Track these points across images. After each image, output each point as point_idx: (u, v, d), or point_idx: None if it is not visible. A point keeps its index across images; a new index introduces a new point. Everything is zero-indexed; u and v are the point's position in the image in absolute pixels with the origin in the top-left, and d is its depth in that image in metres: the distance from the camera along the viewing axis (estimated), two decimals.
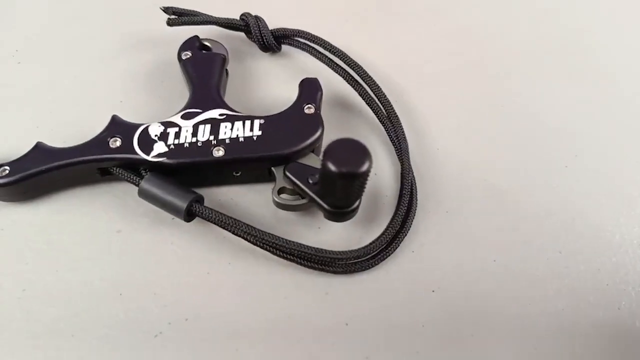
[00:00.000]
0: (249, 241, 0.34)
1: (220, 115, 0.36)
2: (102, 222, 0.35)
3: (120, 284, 0.33)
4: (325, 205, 0.33)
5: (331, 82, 0.43)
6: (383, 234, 0.35)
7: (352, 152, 0.30)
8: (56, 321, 0.32)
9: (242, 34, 0.45)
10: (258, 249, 0.34)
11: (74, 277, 0.33)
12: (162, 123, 0.36)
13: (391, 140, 0.40)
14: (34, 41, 0.45)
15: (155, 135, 0.35)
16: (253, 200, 0.37)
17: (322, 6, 0.51)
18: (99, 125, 0.38)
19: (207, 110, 0.36)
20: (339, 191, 0.32)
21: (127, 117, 0.38)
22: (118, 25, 0.47)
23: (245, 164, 0.36)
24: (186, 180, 0.36)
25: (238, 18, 0.43)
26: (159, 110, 0.41)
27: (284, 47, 0.45)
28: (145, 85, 0.43)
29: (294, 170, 0.35)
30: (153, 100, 0.42)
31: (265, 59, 0.45)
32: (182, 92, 0.41)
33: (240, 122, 0.36)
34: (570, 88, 0.46)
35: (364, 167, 0.29)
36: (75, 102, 0.41)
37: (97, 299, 0.32)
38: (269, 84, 0.44)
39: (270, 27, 0.44)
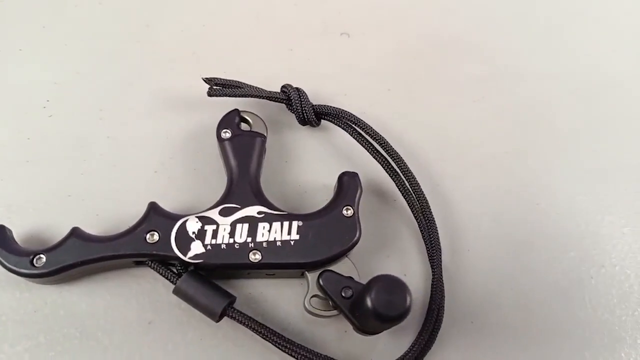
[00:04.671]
0: (278, 348, 0.34)
1: (258, 213, 0.36)
2: (134, 311, 0.36)
3: None
4: (356, 323, 0.34)
5: (367, 164, 0.42)
6: (408, 352, 0.35)
7: (393, 294, 0.30)
8: None
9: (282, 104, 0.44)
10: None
11: None
12: (200, 218, 0.35)
13: (424, 241, 0.39)
14: (66, 90, 0.44)
15: (193, 233, 0.35)
16: (282, 296, 0.37)
17: (367, 73, 0.49)
18: (133, 195, 0.38)
19: (245, 207, 0.36)
20: (372, 323, 0.32)
21: (161, 189, 0.38)
22: (154, 81, 0.45)
23: (280, 269, 0.36)
24: (218, 275, 0.36)
25: (279, 90, 0.42)
26: (194, 185, 0.40)
27: (323, 122, 0.44)
28: (180, 153, 0.42)
29: (328, 281, 0.35)
30: (187, 173, 0.41)
31: (303, 131, 0.44)
32: (216, 164, 0.41)
33: (278, 224, 0.36)
34: (610, 192, 0.45)
35: (402, 312, 0.30)
36: (108, 165, 0.40)
37: None
38: (305, 160, 0.43)
39: (312, 92, 0.43)
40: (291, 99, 0.42)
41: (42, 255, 0.33)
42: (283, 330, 0.35)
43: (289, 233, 0.35)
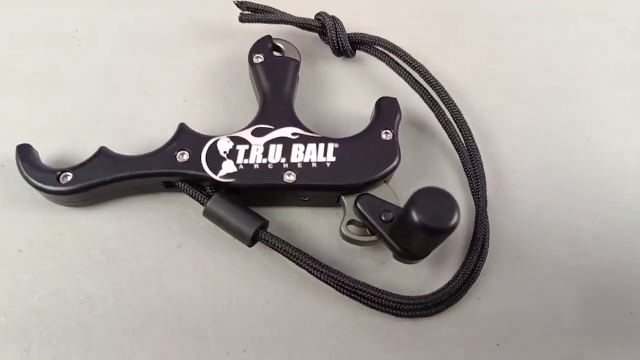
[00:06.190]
0: (313, 274, 0.32)
1: (292, 134, 0.34)
2: (163, 235, 0.34)
3: (179, 305, 0.32)
4: (397, 247, 0.32)
5: (405, 96, 0.39)
6: (451, 281, 0.33)
7: (440, 205, 0.28)
8: (113, 337, 0.31)
9: (315, 34, 0.42)
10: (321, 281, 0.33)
11: (132, 292, 0.32)
12: (232, 138, 0.34)
13: (467, 173, 0.37)
14: (95, 20, 0.42)
15: (224, 152, 0.33)
16: (317, 225, 0.35)
17: (403, 6, 0.47)
18: (161, 123, 0.37)
19: (279, 128, 0.34)
20: (417, 241, 0.30)
21: (191, 117, 0.36)
22: (185, 10, 0.44)
23: (316, 191, 0.34)
24: (250, 200, 0.34)
25: (313, 17, 0.40)
26: (224, 113, 0.39)
27: (358, 53, 0.42)
28: (210, 82, 0.40)
29: (366, 204, 0.33)
30: (218, 102, 0.39)
31: (337, 63, 0.42)
32: (248, 95, 0.39)
33: (314, 145, 0.34)
34: None
35: (452, 224, 0.27)
36: (137, 94, 0.39)
37: (155, 318, 0.32)
38: (339, 92, 0.41)
39: (346, 25, 0.41)
40: (326, 26, 0.40)
41: (68, 173, 0.32)
42: None
43: (325, 155, 0.34)
